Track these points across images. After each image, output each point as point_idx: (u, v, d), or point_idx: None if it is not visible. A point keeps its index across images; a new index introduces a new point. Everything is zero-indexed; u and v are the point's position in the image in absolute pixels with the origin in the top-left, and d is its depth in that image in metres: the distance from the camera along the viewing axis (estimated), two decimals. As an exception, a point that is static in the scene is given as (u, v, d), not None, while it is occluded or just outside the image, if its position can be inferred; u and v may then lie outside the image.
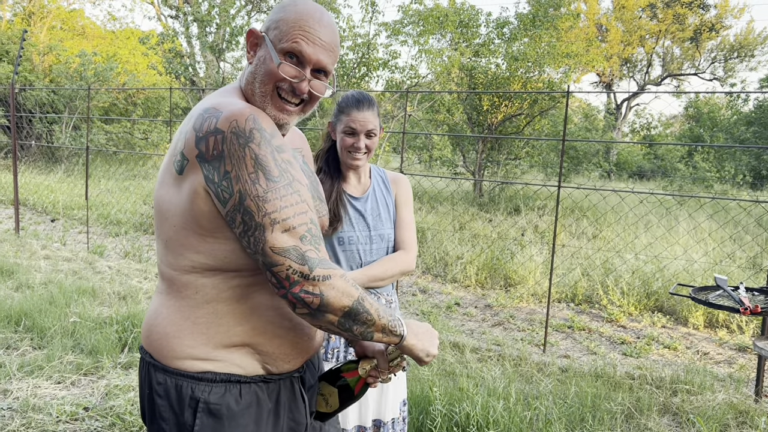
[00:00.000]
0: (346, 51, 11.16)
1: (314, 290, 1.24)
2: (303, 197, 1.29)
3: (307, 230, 1.26)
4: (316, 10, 1.38)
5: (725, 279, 3.36)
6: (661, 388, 4.11)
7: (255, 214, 1.23)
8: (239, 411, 1.35)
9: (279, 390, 1.43)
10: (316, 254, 1.25)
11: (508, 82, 12.49)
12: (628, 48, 33.36)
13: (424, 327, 1.46)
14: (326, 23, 1.39)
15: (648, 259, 7.54)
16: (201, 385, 1.33)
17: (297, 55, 1.36)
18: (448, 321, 5.93)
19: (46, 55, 17.81)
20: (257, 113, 1.29)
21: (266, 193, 1.23)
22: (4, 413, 3.43)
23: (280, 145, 1.30)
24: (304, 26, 1.35)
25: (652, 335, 5.74)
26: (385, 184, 2.30)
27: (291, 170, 1.29)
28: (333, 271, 1.26)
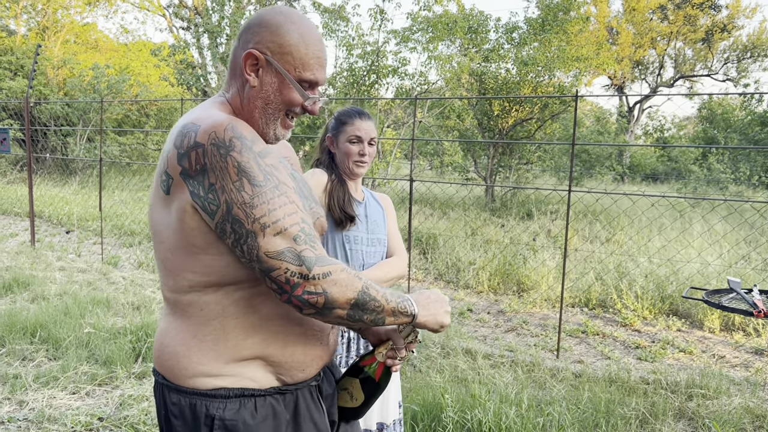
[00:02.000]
0: (355, 59, 11.21)
1: (317, 289, 1.23)
2: (291, 198, 1.28)
3: (300, 230, 1.25)
4: (314, 29, 1.41)
5: (739, 282, 3.32)
6: (676, 392, 4.06)
7: (244, 221, 1.23)
8: (255, 425, 1.35)
9: (296, 400, 1.43)
10: (312, 253, 1.24)
11: (518, 87, 12.47)
12: (639, 50, 33.19)
13: (434, 296, 1.43)
14: (321, 38, 1.43)
15: (662, 263, 7.48)
16: (215, 402, 1.33)
17: (314, 83, 1.40)
18: (461, 327, 5.91)
19: (60, 69, 18.04)
20: (235, 122, 1.29)
21: (253, 198, 1.23)
22: (20, 424, 3.47)
23: (262, 150, 1.30)
24: (317, 53, 1.39)
25: (667, 339, 5.69)
26: (375, 199, 2.43)
27: (276, 173, 1.29)
28: (332, 266, 1.25)
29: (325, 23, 11.50)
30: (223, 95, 1.46)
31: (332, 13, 12.15)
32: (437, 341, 5.02)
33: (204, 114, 1.31)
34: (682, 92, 23.04)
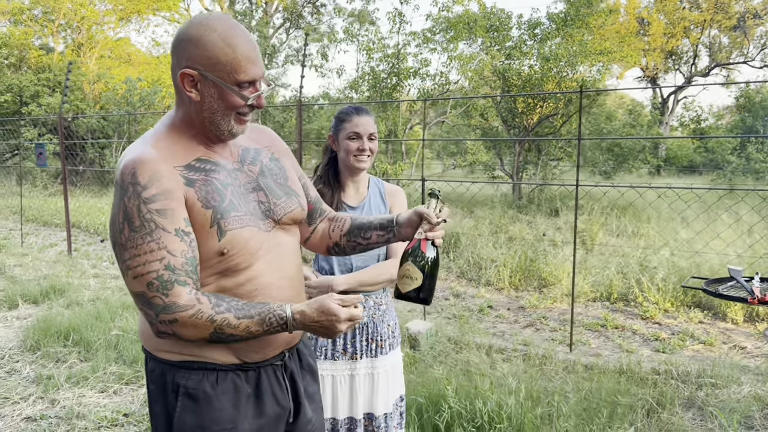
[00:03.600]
0: (377, 62, 11.35)
1: (167, 330, 1.41)
2: (162, 244, 1.38)
3: (155, 277, 1.38)
4: (234, 29, 1.46)
5: (740, 270, 3.34)
6: (687, 382, 4.08)
7: (118, 259, 1.42)
8: (215, 395, 1.52)
9: (259, 377, 1.58)
10: (162, 300, 1.38)
11: (540, 83, 12.45)
12: (672, 40, 32.55)
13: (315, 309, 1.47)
14: (247, 35, 1.48)
15: (688, 255, 7.41)
16: (181, 372, 1.53)
17: (251, 81, 1.48)
18: (479, 323, 5.98)
19: (96, 84, 18.65)
20: (139, 165, 1.40)
21: (126, 242, 1.39)
22: (51, 421, 3.69)
23: (154, 195, 1.39)
24: (245, 53, 1.45)
25: (688, 331, 5.66)
26: (382, 195, 2.43)
27: (157, 219, 1.39)
28: (179, 314, 1.38)
29: (346, 28, 11.67)
30: (173, 113, 1.58)
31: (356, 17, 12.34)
32: (452, 337, 5.11)
33: (132, 148, 1.47)
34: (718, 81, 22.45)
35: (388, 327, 2.36)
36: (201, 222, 1.45)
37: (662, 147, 30.06)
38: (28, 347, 4.89)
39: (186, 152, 1.51)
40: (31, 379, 4.32)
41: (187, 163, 1.49)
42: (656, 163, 26.88)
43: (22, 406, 3.87)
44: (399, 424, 2.39)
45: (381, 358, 2.32)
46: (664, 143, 29.76)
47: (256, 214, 1.56)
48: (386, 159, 11.16)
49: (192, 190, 1.45)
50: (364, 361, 2.30)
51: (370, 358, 2.30)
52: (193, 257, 1.43)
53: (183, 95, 1.51)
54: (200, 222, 1.45)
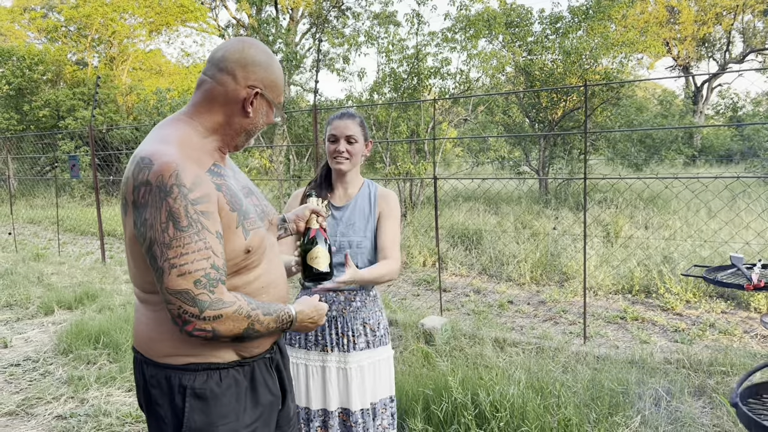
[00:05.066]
0: (397, 63, 11.46)
1: (206, 327, 1.49)
2: (209, 244, 1.48)
3: (203, 275, 1.46)
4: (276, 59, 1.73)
5: (741, 257, 3.35)
6: (698, 371, 4.08)
7: (158, 258, 1.46)
8: (221, 392, 1.63)
9: (253, 370, 1.71)
10: (208, 297, 1.47)
11: (563, 77, 12.38)
12: (704, 27, 31.87)
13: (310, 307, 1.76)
14: None
15: (714, 245, 7.34)
16: (186, 374, 1.61)
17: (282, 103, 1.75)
18: (498, 318, 6.04)
19: (128, 95, 19.18)
20: (181, 168, 1.47)
21: (171, 240, 1.44)
22: (80, 418, 3.89)
23: (199, 197, 1.48)
24: (282, 80, 1.73)
25: (709, 321, 5.63)
26: (371, 198, 2.50)
27: (203, 220, 1.48)
28: (223, 310, 1.50)
29: (366, 31, 11.81)
30: (190, 116, 1.67)
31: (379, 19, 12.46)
32: (467, 332, 5.18)
33: (159, 151, 1.50)
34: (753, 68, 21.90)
35: (364, 324, 2.42)
36: (228, 223, 1.57)
37: (697, 137, 29.46)
38: (62, 350, 5.14)
39: (206, 157, 1.62)
40: (64, 380, 4.55)
41: (208, 168, 1.60)
42: (690, 153, 26.36)
43: (54, 406, 4.09)
44: (391, 425, 2.46)
45: (353, 354, 2.38)
46: (699, 132, 29.15)
47: (258, 217, 1.72)
48: (409, 158, 11.25)
49: (221, 194, 1.57)
50: (335, 355, 2.37)
51: (341, 352, 2.37)
52: (226, 260, 1.57)
53: (228, 107, 1.66)
54: (227, 224, 1.57)
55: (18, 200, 17.51)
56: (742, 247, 7.05)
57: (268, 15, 17.71)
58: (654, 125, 22.48)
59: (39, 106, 19.26)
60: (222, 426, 1.62)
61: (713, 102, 33.40)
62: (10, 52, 19.55)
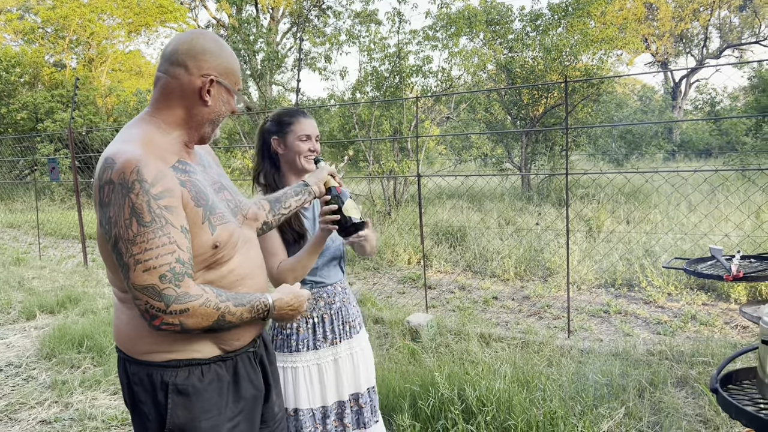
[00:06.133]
0: (378, 62, 11.46)
1: (173, 321, 1.49)
2: (173, 239, 1.49)
3: (169, 269, 1.47)
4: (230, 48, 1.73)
5: (720, 249, 3.41)
6: (681, 362, 4.14)
7: (123, 255, 1.46)
8: (203, 387, 1.64)
9: (236, 365, 1.73)
10: (174, 291, 1.47)
11: (544, 74, 12.47)
12: (681, 24, 32.27)
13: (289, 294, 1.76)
14: None
15: (694, 238, 7.43)
16: (168, 371, 1.62)
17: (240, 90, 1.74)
18: (483, 314, 6.07)
19: (108, 97, 18.98)
20: (143, 164, 1.48)
21: (135, 236, 1.45)
22: (64, 422, 3.86)
23: (161, 192, 1.49)
24: (238, 66, 1.72)
25: (690, 313, 5.71)
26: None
27: (166, 215, 1.49)
28: (190, 303, 1.49)
29: (347, 30, 11.80)
30: (151, 115, 1.67)
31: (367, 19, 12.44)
32: (453, 329, 5.21)
33: (122, 150, 1.51)
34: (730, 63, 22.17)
35: (353, 307, 2.53)
36: (194, 219, 1.57)
37: (677, 132, 29.81)
38: (45, 355, 5.09)
39: (170, 154, 1.62)
40: (47, 384, 4.50)
41: (172, 164, 1.60)
42: (670, 148, 26.67)
43: (38, 411, 4.05)
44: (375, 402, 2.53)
45: (355, 337, 2.48)
46: (678, 127, 29.50)
47: (230, 211, 1.73)
48: (393, 157, 11.26)
49: (185, 189, 1.57)
50: (343, 344, 2.43)
51: (347, 339, 2.45)
52: (192, 254, 1.56)
53: (186, 100, 1.65)
54: (193, 219, 1.57)
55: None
56: (721, 239, 7.16)
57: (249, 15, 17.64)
58: (634, 121, 22.69)
59: (17, 109, 19.00)
60: (204, 421, 1.63)
61: (692, 97, 33.80)
62: (-15, 55, 19.26)
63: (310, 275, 2.39)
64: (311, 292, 2.33)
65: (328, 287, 2.43)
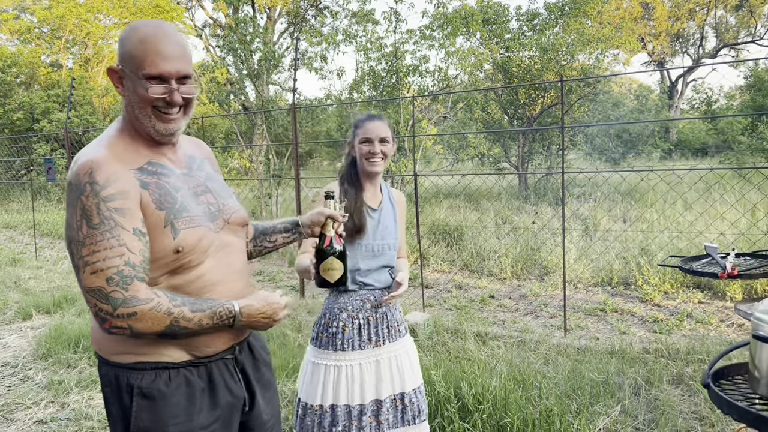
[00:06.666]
0: (375, 62, 11.47)
1: (122, 324, 1.45)
2: (122, 241, 1.46)
3: (116, 272, 1.44)
4: (156, 29, 1.56)
5: (715, 247, 3.42)
6: (676, 360, 4.16)
7: (74, 256, 1.46)
8: (170, 392, 1.59)
9: (211, 371, 1.66)
10: (121, 294, 1.44)
11: (541, 74, 12.49)
12: (677, 23, 32.32)
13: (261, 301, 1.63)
14: (169, 36, 1.57)
15: (690, 236, 7.45)
16: (134, 373, 1.59)
17: (159, 75, 1.54)
18: (480, 313, 6.08)
19: (104, 97, 18.95)
20: (97, 166, 1.47)
21: (85, 238, 1.44)
22: (61, 422, 3.86)
23: (112, 194, 1.47)
24: (154, 48, 1.53)
25: (686, 311, 5.72)
26: (390, 199, 2.60)
27: (116, 217, 1.46)
28: (138, 307, 1.45)
29: (344, 30, 11.80)
30: (122, 117, 1.67)
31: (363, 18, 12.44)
32: (449, 327, 5.22)
33: (83, 152, 1.53)
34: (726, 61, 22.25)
35: (399, 312, 2.59)
36: (155, 222, 1.53)
37: (673, 131, 29.88)
38: (41, 355, 5.08)
39: (138, 155, 1.58)
40: (43, 384, 4.50)
41: (140, 166, 1.57)
42: (666, 147, 26.72)
43: (34, 411, 4.05)
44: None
45: (399, 341, 2.52)
46: (675, 126, 29.56)
47: (207, 215, 1.66)
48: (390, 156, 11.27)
49: (146, 192, 1.53)
50: (386, 347, 2.47)
51: (391, 342, 2.49)
52: (148, 257, 1.51)
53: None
54: (154, 222, 1.53)
55: (-7, 205, 17.23)
56: (717, 237, 7.18)
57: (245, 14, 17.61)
58: (630, 120, 22.73)
59: (13, 109, 18.96)
60: (173, 426, 1.59)
61: (688, 96, 33.86)
62: (-19, 55, 19.23)
63: (361, 276, 2.44)
64: (360, 293, 2.45)
65: (376, 291, 2.48)
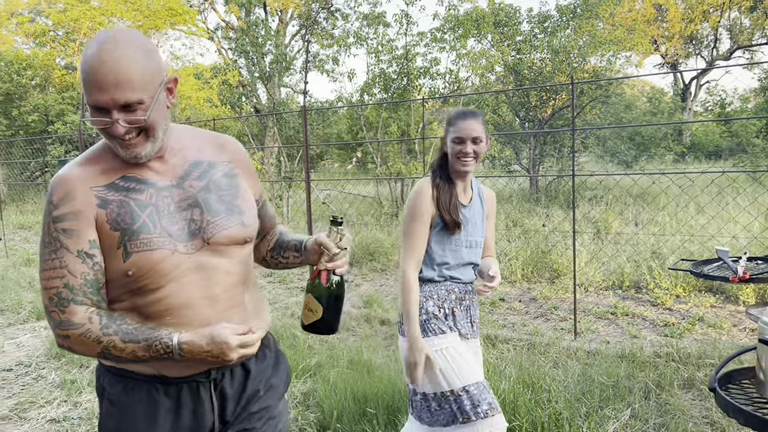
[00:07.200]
0: (386, 64, 11.50)
1: (63, 343, 1.48)
2: (64, 263, 1.45)
3: (56, 293, 1.45)
4: (95, 56, 1.38)
5: (727, 251, 3.41)
6: (687, 364, 4.14)
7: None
8: (129, 403, 1.56)
9: (180, 392, 1.58)
10: (58, 316, 1.45)
11: (552, 76, 12.46)
12: (691, 25, 32.10)
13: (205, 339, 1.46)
14: (108, 62, 1.38)
15: (702, 240, 7.41)
16: (108, 376, 1.60)
17: (96, 106, 1.42)
18: (491, 316, 6.08)
19: (118, 100, 19.07)
20: (56, 184, 1.49)
21: (41, 256, 1.49)
22: (73, 421, 3.90)
23: (63, 215, 1.46)
24: (91, 79, 1.38)
25: (698, 315, 5.69)
26: (480, 196, 2.58)
27: (62, 239, 1.45)
28: (71, 331, 1.44)
29: (355, 32, 11.84)
30: None
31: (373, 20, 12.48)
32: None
33: (63, 167, 1.54)
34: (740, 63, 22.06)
35: (477, 309, 2.62)
36: (109, 243, 1.47)
37: (686, 133, 29.68)
38: (54, 355, 5.13)
39: (114, 170, 1.52)
40: (56, 384, 4.55)
41: (110, 182, 1.50)
42: (680, 150, 26.54)
43: (47, 409, 4.09)
44: None
45: (478, 338, 2.59)
46: (688, 129, 29.36)
47: (178, 236, 1.51)
48: (400, 159, 11.28)
49: (104, 211, 1.47)
50: (471, 341, 2.54)
51: (474, 339, 2.55)
52: (94, 279, 1.47)
53: None
54: (108, 243, 1.47)
55: (8, 206, 17.41)
56: (729, 240, 7.12)
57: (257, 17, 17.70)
58: (643, 122, 22.60)
59: (28, 111, 19.16)
60: None
61: (701, 99, 33.61)
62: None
63: (448, 270, 2.44)
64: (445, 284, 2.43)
65: (460, 284, 2.48)
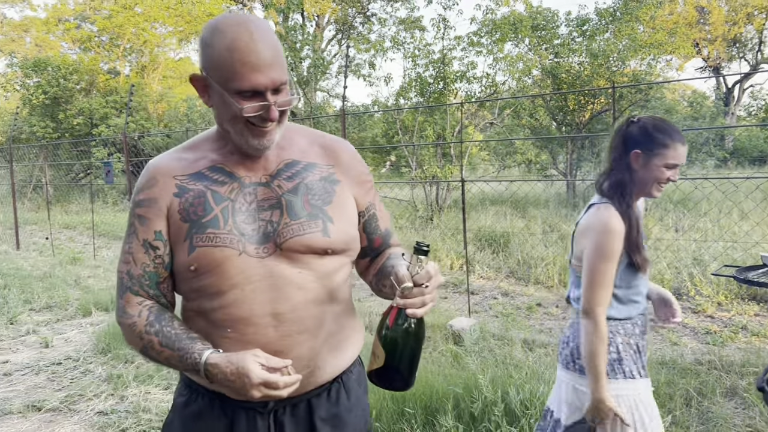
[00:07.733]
0: (423, 68, 11.55)
1: (121, 329, 1.46)
2: (131, 249, 1.44)
3: (121, 278, 1.45)
4: (243, 32, 1.28)
5: (772, 257, 3.35)
6: (730, 372, 4.07)
7: None
8: (186, 414, 1.49)
9: (234, 415, 1.45)
10: (121, 301, 1.44)
11: (591, 80, 12.34)
12: (734, 28, 31.38)
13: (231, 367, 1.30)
14: (260, 40, 1.28)
15: (745, 246, 7.25)
16: (180, 382, 1.56)
17: (251, 89, 1.29)
18: (527, 321, 6.06)
19: (159, 103, 19.56)
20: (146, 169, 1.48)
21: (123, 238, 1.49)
22: (120, 414, 4.03)
23: (140, 200, 1.45)
24: (242, 58, 1.27)
25: (741, 323, 5.58)
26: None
27: (136, 224, 1.44)
28: (122, 319, 1.43)
29: (392, 37, 11.92)
30: None
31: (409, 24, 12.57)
32: (496, 334, 5.22)
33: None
34: None
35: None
36: (177, 234, 1.41)
37: (729, 138, 29.01)
38: (100, 350, 5.30)
39: (203, 160, 1.45)
40: (103, 378, 4.70)
41: (197, 170, 1.43)
42: (722, 155, 25.96)
43: (95, 402, 4.23)
44: None
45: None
46: (731, 134, 28.70)
47: (250, 236, 1.39)
48: (435, 162, 11.30)
49: (178, 200, 1.41)
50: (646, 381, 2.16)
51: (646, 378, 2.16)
52: (153, 272, 1.43)
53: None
54: (176, 234, 1.41)
55: (54, 206, 17.96)
56: (774, 248, 6.97)
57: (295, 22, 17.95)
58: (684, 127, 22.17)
59: (73, 115, 19.76)
60: None
61: (745, 103, 32.83)
62: (45, 63, 20.11)
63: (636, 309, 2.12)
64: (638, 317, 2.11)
65: (641, 316, 2.15)
